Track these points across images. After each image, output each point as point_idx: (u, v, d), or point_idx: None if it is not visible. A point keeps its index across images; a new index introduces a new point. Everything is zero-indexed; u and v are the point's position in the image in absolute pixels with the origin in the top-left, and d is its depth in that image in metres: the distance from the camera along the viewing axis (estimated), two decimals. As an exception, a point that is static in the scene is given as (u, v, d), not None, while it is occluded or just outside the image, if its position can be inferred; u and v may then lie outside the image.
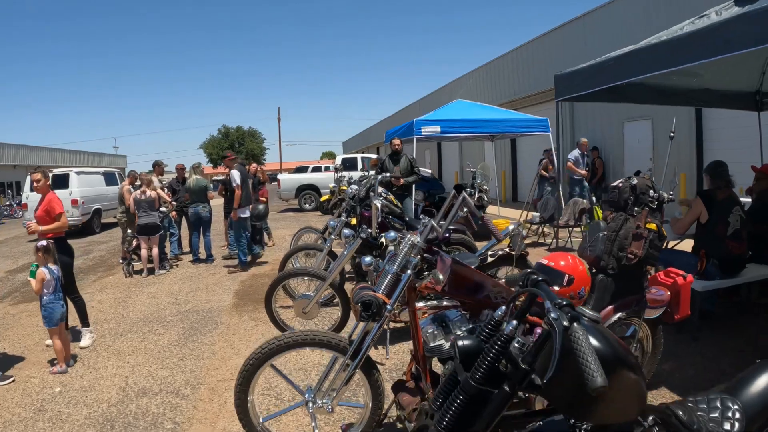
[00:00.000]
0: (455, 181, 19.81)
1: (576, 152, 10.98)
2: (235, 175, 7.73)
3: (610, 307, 3.01)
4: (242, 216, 7.81)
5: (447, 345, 2.46)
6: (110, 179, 15.76)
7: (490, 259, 4.41)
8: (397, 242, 2.40)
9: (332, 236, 5.32)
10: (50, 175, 13.61)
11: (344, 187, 16.19)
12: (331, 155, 78.24)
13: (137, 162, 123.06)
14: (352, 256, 4.39)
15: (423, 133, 8.67)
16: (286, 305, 5.23)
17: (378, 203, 4.60)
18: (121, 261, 8.37)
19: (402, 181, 7.66)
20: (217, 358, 4.35)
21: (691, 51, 3.36)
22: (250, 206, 8.07)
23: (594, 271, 2.84)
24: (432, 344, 2.44)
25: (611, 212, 3.05)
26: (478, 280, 2.49)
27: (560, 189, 8.42)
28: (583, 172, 10.72)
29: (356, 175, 17.85)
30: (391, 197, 6.12)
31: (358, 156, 19.65)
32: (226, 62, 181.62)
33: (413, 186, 8.25)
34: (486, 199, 14.40)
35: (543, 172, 12.49)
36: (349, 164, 18.25)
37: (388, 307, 2.28)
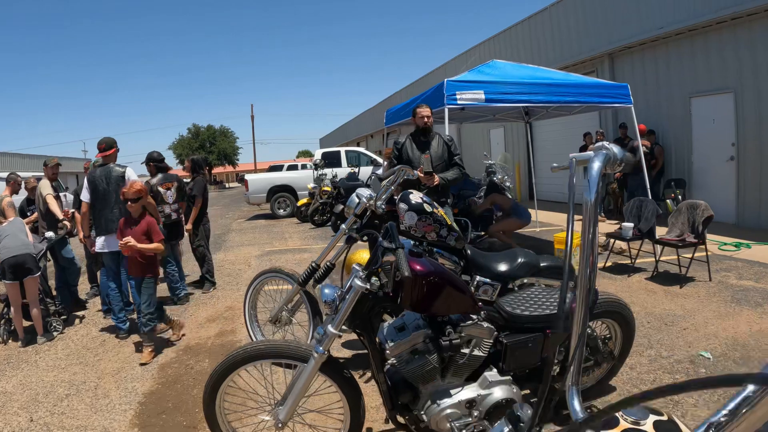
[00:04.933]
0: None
1: None
2: (84, 184, 5.12)
3: None
4: (100, 250, 5.14)
5: None
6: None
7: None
8: None
9: (335, 324, 2.24)
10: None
11: (326, 188, 12.93)
12: (307, 153, 74.38)
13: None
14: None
15: (459, 102, 5.50)
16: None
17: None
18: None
19: (437, 179, 4.57)
20: None
21: None
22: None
23: None
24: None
25: None
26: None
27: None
28: None
29: (341, 172, 14.69)
30: (441, 211, 3.10)
31: (342, 149, 16.26)
32: (197, 60, 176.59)
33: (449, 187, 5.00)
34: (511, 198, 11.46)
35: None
36: (331, 160, 15.08)
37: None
